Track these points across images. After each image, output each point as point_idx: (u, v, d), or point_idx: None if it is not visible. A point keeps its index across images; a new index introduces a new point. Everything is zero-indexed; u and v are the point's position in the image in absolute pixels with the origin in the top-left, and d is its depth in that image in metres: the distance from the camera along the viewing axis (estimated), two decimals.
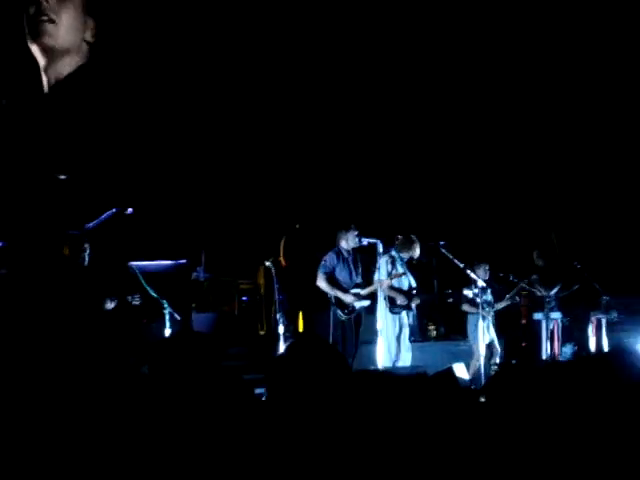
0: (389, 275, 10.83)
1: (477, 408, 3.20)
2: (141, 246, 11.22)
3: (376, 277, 10.60)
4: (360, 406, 2.90)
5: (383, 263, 10.80)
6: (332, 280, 10.68)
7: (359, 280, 10.79)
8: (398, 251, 11.12)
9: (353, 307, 10.63)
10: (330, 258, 10.73)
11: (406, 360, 10.82)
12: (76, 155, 14.00)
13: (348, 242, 10.70)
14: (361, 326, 10.77)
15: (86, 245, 9.63)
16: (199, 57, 13.54)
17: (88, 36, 3.99)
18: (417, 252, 11.18)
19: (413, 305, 11.05)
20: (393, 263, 11.00)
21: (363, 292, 10.65)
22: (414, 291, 11.08)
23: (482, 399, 3.20)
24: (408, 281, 11.11)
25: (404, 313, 11.00)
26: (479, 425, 2.90)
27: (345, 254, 10.76)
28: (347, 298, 10.63)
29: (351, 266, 10.78)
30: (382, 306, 10.71)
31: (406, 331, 10.99)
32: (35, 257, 9.40)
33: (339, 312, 10.61)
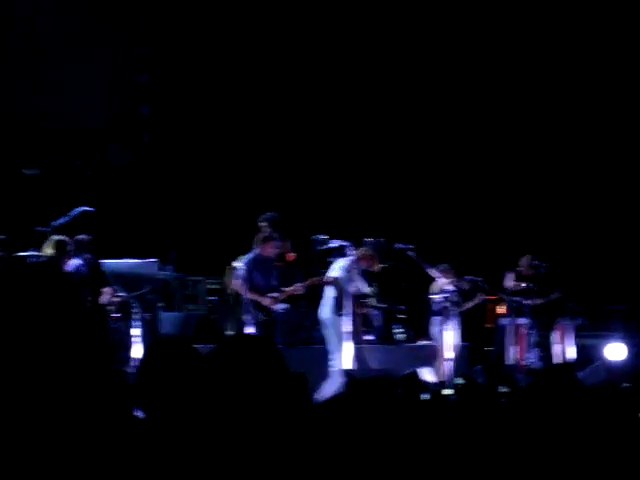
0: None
1: (444, 411, 3.26)
2: (110, 244, 11.21)
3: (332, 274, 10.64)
4: (326, 408, 2.93)
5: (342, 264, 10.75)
6: (250, 284, 10.66)
7: (274, 283, 10.85)
8: (358, 256, 10.98)
9: (271, 309, 10.70)
10: (247, 261, 10.72)
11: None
12: (45, 149, 13.97)
13: (270, 249, 10.75)
14: (278, 328, 10.71)
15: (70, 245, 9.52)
16: None
17: None
18: (377, 266, 11.11)
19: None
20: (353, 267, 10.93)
21: (280, 296, 10.72)
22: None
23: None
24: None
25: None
26: (450, 429, 2.95)
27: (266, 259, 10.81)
28: (265, 301, 10.66)
29: (271, 271, 10.85)
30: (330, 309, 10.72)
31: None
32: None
33: (259, 315, 10.61)
